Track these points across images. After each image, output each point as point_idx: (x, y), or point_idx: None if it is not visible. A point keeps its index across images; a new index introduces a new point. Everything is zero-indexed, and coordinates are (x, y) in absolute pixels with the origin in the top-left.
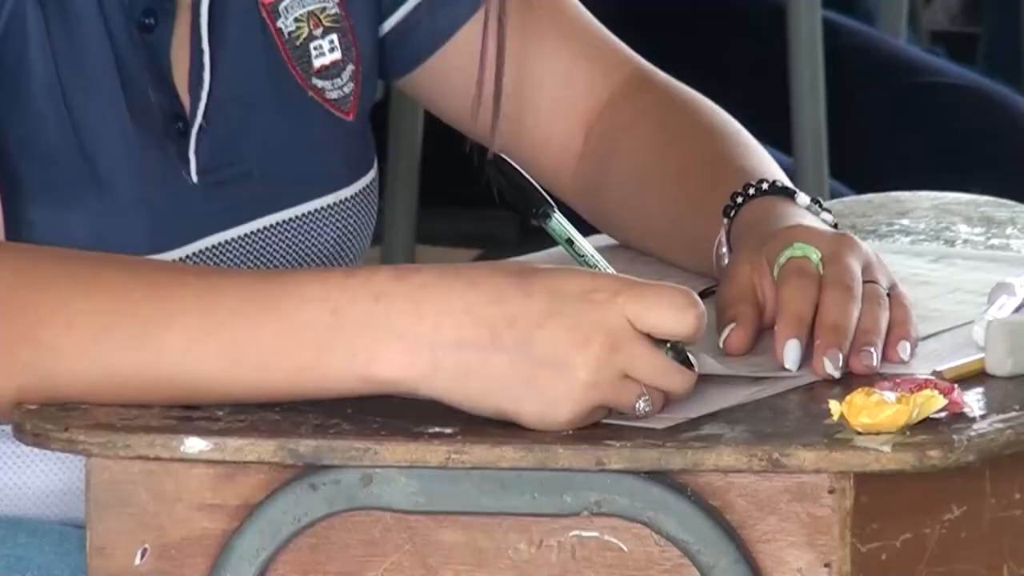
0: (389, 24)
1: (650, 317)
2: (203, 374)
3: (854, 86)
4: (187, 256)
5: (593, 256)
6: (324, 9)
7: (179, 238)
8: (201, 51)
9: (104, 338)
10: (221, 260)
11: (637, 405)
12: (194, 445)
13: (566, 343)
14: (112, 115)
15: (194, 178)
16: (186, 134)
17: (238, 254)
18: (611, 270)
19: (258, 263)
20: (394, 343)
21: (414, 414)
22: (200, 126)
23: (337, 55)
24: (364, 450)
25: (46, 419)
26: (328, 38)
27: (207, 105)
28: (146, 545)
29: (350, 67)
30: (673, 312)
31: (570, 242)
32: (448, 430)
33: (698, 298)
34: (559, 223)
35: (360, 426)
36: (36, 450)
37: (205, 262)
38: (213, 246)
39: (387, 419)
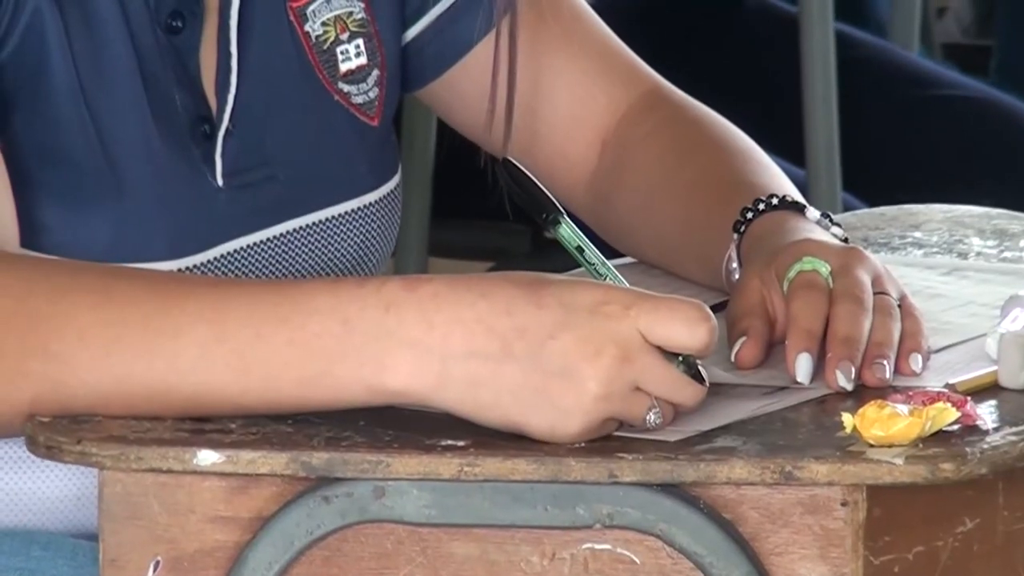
0: (411, 34)
1: (662, 330)
2: (214, 385)
3: (866, 98)
4: (209, 261)
5: (604, 265)
6: (351, 14)
7: (201, 242)
8: (229, 54)
9: (115, 349)
10: (244, 264)
11: (647, 417)
12: (207, 457)
13: (577, 355)
14: (134, 118)
15: (219, 181)
16: (212, 137)
17: (261, 259)
18: (623, 281)
19: (282, 267)
20: (404, 353)
21: (426, 427)
22: (227, 129)
23: (363, 60)
24: (376, 463)
25: (59, 431)
26: (354, 43)
27: (234, 107)
28: (159, 558)
29: (375, 72)
30: (686, 326)
31: (580, 250)
32: (460, 443)
33: (710, 312)
34: (568, 230)
35: (372, 439)
36: None
37: (227, 266)
38: (236, 250)
39: (399, 432)
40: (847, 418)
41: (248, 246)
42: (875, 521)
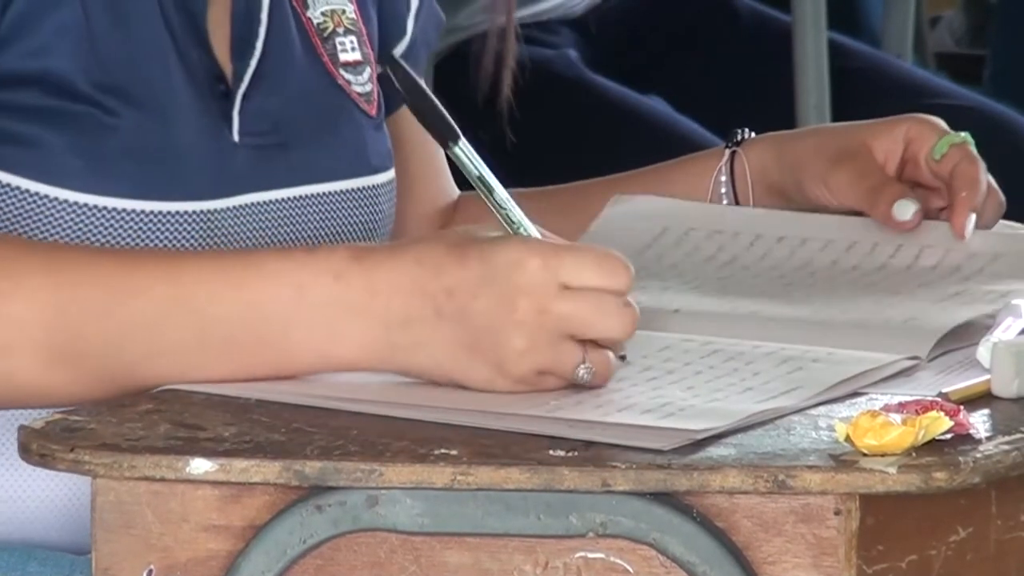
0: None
1: (588, 274)
2: (172, 342)
3: (859, 108)
4: (228, 208)
5: (508, 201)
6: (344, 11)
7: (221, 189)
8: (253, 20)
9: (70, 308)
10: (259, 219)
11: (578, 372)
12: (200, 466)
13: (498, 311)
14: (159, 65)
15: (236, 137)
16: (228, 96)
17: (276, 216)
18: (520, 214)
19: (294, 229)
20: (352, 322)
21: (420, 436)
22: (245, 90)
23: (357, 55)
24: (369, 471)
25: (52, 439)
26: (349, 38)
27: (255, 71)
28: (152, 566)
29: (368, 70)
30: (604, 266)
31: (481, 180)
32: (454, 452)
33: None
34: (464, 153)
35: (366, 448)
36: None
37: (244, 217)
38: (252, 204)
39: (392, 440)
40: (840, 427)
41: (264, 202)
42: (868, 530)
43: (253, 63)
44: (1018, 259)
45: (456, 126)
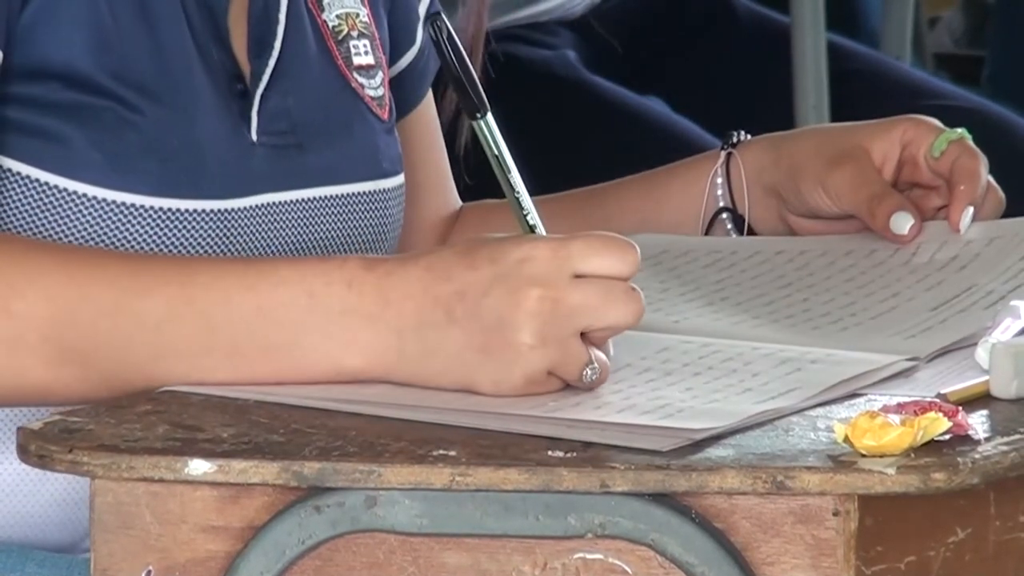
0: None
1: (596, 261)
2: (178, 344)
3: (858, 109)
4: (244, 208)
5: (520, 186)
6: (358, 15)
7: (238, 189)
8: (268, 20)
9: (81, 306)
10: (274, 219)
11: (584, 373)
12: (198, 467)
13: (509, 304)
14: (180, 63)
15: (254, 137)
16: (246, 95)
17: (290, 217)
18: (529, 200)
19: (307, 230)
20: (366, 330)
21: (418, 437)
22: (263, 91)
23: (371, 59)
24: (368, 472)
25: (50, 440)
26: (363, 42)
27: (273, 71)
28: (151, 567)
29: (380, 74)
30: (611, 248)
31: (500, 160)
32: (452, 452)
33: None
34: (486, 129)
35: (364, 448)
36: None
37: (259, 217)
38: (268, 204)
39: (391, 441)
40: (839, 428)
41: (278, 203)
42: (867, 531)
43: (271, 63)
44: (1015, 241)
45: (486, 100)
